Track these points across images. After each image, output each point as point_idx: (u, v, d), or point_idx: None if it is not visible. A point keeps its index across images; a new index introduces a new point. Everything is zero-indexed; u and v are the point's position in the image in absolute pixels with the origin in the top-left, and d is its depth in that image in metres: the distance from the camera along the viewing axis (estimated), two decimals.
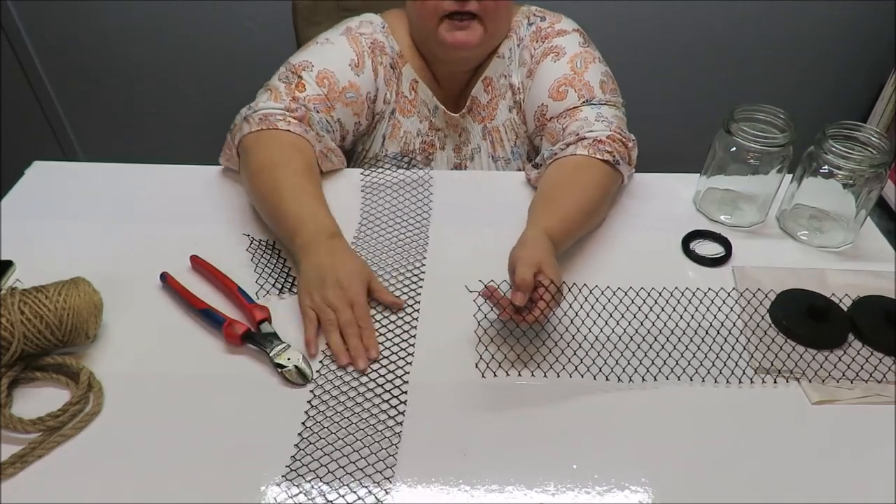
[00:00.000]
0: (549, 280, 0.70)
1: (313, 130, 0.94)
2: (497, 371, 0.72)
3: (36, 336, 0.69)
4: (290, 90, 0.95)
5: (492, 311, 0.75)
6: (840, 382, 0.72)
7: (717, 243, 0.92)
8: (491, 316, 0.77)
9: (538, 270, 0.70)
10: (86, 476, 0.62)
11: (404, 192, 1.00)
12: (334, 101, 0.97)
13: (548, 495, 0.61)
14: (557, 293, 0.71)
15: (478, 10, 0.95)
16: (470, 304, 0.72)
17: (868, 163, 0.84)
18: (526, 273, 0.69)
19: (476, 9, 0.95)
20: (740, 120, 0.90)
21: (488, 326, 0.77)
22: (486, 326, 0.77)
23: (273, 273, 0.85)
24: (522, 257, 0.71)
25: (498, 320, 0.77)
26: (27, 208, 0.96)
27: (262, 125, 0.91)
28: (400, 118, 1.07)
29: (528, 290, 0.69)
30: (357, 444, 0.65)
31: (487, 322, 0.77)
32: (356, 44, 1.00)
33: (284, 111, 0.93)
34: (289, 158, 0.89)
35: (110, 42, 1.80)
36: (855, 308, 0.80)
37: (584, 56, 1.00)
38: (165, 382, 0.71)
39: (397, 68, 1.04)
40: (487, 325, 0.77)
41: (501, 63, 1.05)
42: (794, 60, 1.82)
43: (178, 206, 0.97)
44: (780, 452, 0.65)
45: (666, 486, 0.62)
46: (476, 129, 1.10)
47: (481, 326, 0.76)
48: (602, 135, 0.92)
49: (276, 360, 0.72)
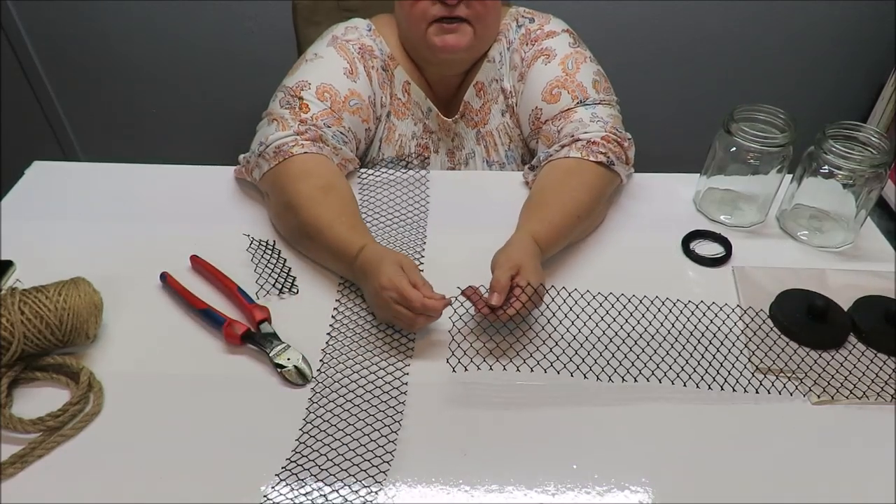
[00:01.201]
0: (525, 282, 0.72)
1: (329, 146, 0.93)
2: (480, 365, 0.72)
3: (36, 336, 0.69)
4: (296, 114, 0.92)
5: (468, 311, 0.78)
6: (840, 382, 0.72)
7: (717, 243, 0.92)
8: (466, 314, 0.79)
9: (516, 273, 0.73)
10: (86, 476, 0.62)
11: (401, 191, 1.00)
12: (340, 111, 0.95)
13: (548, 495, 0.61)
14: (535, 295, 0.73)
15: (466, 15, 0.94)
16: (470, 304, 0.73)
17: (868, 163, 0.84)
18: (501, 275, 0.72)
19: (465, 13, 0.94)
20: (740, 120, 0.90)
21: (462, 325, 0.77)
22: (461, 325, 0.78)
23: (273, 273, 0.85)
24: (500, 260, 0.75)
25: (477, 319, 0.78)
26: (27, 208, 0.96)
27: (277, 158, 0.89)
28: (394, 121, 1.06)
29: (503, 291, 0.72)
30: (357, 444, 0.65)
31: (462, 322, 0.78)
32: (345, 52, 0.99)
33: (295, 136, 0.91)
34: (309, 189, 0.86)
35: (110, 42, 1.80)
36: (855, 308, 0.80)
37: (575, 57, 0.99)
38: (165, 382, 0.71)
39: (389, 70, 1.04)
40: (461, 325, 0.77)
41: (492, 67, 1.05)
42: (794, 60, 1.82)
43: (178, 206, 0.97)
44: (780, 452, 0.65)
45: (666, 486, 0.62)
46: (470, 134, 1.10)
47: (466, 325, 0.77)
48: (596, 136, 0.92)
49: (275, 360, 0.72)
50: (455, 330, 0.74)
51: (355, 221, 0.85)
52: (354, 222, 0.84)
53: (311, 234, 0.84)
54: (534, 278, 0.73)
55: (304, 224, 0.84)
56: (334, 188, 0.88)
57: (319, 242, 0.83)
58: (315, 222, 0.83)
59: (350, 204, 0.87)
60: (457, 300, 0.75)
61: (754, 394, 0.71)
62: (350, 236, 0.81)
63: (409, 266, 0.76)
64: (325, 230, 0.82)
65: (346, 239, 0.81)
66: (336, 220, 0.83)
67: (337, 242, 0.81)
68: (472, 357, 0.73)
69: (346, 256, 0.80)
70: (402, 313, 0.73)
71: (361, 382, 0.72)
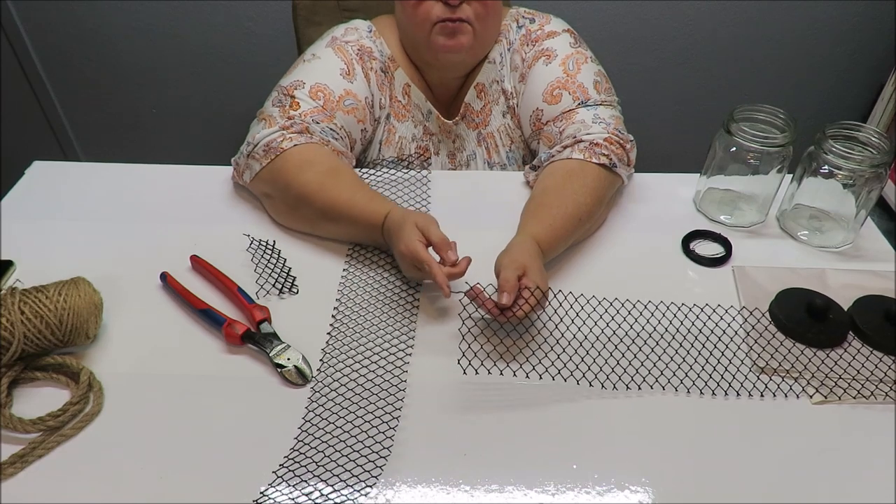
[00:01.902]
0: (534, 284, 0.72)
1: (315, 137, 0.92)
2: (491, 369, 0.72)
3: (36, 336, 0.69)
4: (285, 111, 0.93)
5: (477, 311, 0.78)
6: (840, 382, 0.72)
7: (717, 243, 0.92)
8: (477, 316, 0.78)
9: (522, 273, 0.73)
10: (86, 476, 0.62)
11: (402, 192, 1.00)
12: (333, 110, 0.95)
13: (548, 495, 0.61)
14: (542, 297, 0.73)
15: (468, 16, 0.95)
16: (470, 303, 0.73)
17: (868, 163, 0.84)
18: (510, 275, 0.72)
19: (466, 14, 0.94)
20: (740, 120, 0.90)
21: (472, 325, 0.77)
22: (471, 325, 0.78)
23: (273, 273, 0.85)
24: (505, 262, 0.75)
25: (487, 320, 0.77)
26: (27, 208, 0.96)
27: (269, 156, 0.89)
28: (394, 123, 1.06)
29: (513, 291, 0.72)
30: (357, 444, 0.65)
31: (472, 322, 0.78)
32: (343, 53, 0.99)
33: (282, 131, 0.90)
34: (316, 177, 0.88)
35: (110, 42, 1.81)
36: (855, 307, 0.80)
37: (575, 57, 0.99)
38: (165, 382, 0.71)
39: (389, 72, 1.04)
40: (472, 325, 0.77)
41: (493, 68, 1.05)
42: (794, 60, 1.82)
43: (178, 206, 0.97)
44: (781, 452, 0.65)
45: (666, 486, 0.62)
46: (471, 135, 1.09)
47: (465, 325, 0.77)
48: (599, 137, 0.92)
49: (275, 360, 0.72)
50: (465, 329, 0.74)
51: (372, 194, 0.88)
52: (371, 194, 0.87)
53: (334, 216, 0.86)
54: (539, 280, 0.74)
55: (323, 210, 0.87)
56: (339, 170, 0.90)
57: (344, 222, 0.86)
58: (334, 204, 0.86)
59: (359, 180, 0.90)
60: (463, 302, 0.76)
61: (754, 394, 0.71)
62: (373, 207, 0.85)
63: (426, 225, 0.78)
64: (346, 209, 0.86)
65: (370, 211, 0.84)
66: (354, 197, 0.86)
67: (363, 216, 0.85)
68: (483, 360, 0.73)
69: (373, 227, 0.84)
70: (424, 277, 0.79)
71: (361, 382, 0.72)
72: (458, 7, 0.93)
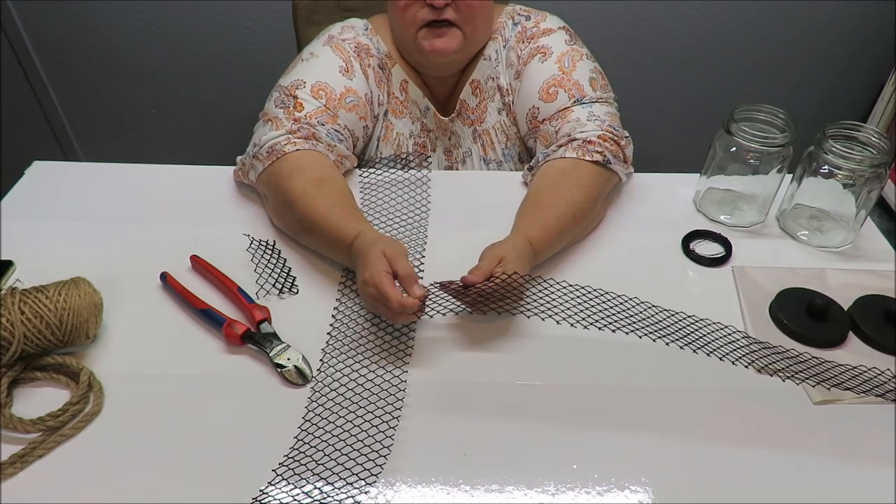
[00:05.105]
0: (511, 270, 0.73)
1: (322, 143, 0.93)
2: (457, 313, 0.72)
3: (36, 336, 0.69)
4: (290, 113, 0.92)
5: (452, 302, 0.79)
6: (840, 381, 0.72)
7: (717, 243, 0.92)
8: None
9: (499, 263, 0.74)
10: (86, 476, 0.62)
11: (402, 191, 1.00)
12: (336, 109, 0.95)
13: (548, 495, 0.61)
14: (517, 287, 0.74)
15: (454, 19, 0.95)
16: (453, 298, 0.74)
17: (868, 163, 0.84)
18: (483, 264, 0.74)
19: (453, 17, 0.94)
20: (740, 120, 0.90)
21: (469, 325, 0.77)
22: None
23: (273, 273, 0.85)
24: (485, 253, 0.77)
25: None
26: (27, 208, 0.96)
27: (271, 158, 0.90)
28: (392, 119, 1.06)
29: (481, 276, 0.72)
30: (357, 444, 0.65)
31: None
32: (340, 50, 0.99)
33: (288, 135, 0.90)
34: (303, 184, 0.86)
35: (110, 42, 1.80)
36: (855, 307, 0.80)
37: (571, 55, 0.99)
38: (165, 382, 0.71)
39: (386, 69, 1.04)
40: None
41: (488, 65, 1.05)
42: (794, 60, 1.82)
43: (178, 206, 0.97)
44: (781, 452, 0.65)
45: (666, 486, 0.62)
46: (466, 132, 1.09)
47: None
48: (593, 135, 0.92)
49: (275, 360, 0.72)
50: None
51: (350, 210, 0.84)
52: (349, 211, 0.84)
53: (309, 226, 0.84)
54: (517, 269, 0.73)
55: (300, 218, 0.85)
56: (327, 180, 0.88)
57: (317, 234, 0.84)
58: (311, 214, 0.83)
59: (344, 194, 0.87)
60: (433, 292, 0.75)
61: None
62: (345, 225, 0.81)
63: (394, 255, 0.73)
64: (320, 222, 0.83)
65: (341, 228, 0.81)
66: (330, 210, 0.83)
67: (333, 232, 0.81)
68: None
69: (342, 245, 0.80)
70: (383, 310, 0.73)
71: (361, 381, 0.72)
72: (444, 9, 0.93)
